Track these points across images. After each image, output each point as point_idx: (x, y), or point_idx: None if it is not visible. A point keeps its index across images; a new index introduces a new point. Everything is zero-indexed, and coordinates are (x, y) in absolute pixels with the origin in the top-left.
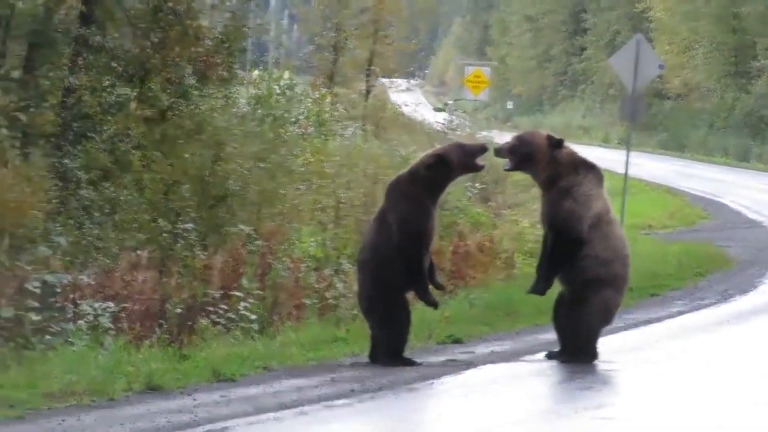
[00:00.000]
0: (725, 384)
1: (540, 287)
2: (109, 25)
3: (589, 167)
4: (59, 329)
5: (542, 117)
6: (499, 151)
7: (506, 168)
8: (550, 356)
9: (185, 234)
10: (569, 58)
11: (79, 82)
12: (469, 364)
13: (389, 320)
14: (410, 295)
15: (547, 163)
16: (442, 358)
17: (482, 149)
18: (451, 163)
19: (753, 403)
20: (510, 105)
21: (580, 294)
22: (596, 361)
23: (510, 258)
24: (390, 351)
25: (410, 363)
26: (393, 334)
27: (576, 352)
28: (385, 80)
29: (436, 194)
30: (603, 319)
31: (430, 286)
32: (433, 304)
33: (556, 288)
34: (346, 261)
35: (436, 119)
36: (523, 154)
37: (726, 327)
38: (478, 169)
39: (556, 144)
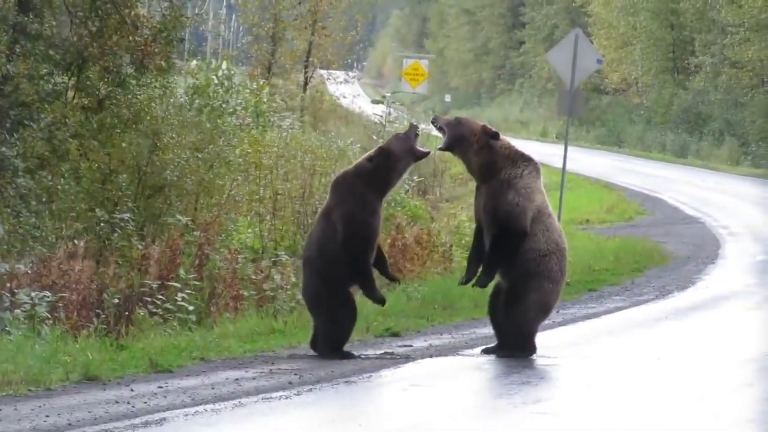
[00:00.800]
0: (663, 380)
1: (482, 280)
2: (47, 13)
3: (528, 160)
4: None
5: (480, 110)
6: (436, 120)
7: (440, 147)
8: (487, 351)
9: (122, 224)
10: (507, 52)
11: (16, 69)
12: (407, 358)
13: (334, 317)
14: (355, 291)
15: (480, 149)
16: (379, 352)
17: (413, 127)
18: (393, 153)
19: (693, 398)
20: (448, 98)
21: (519, 288)
22: (534, 356)
23: (447, 251)
24: (331, 345)
25: (349, 356)
26: (337, 329)
27: (514, 347)
28: (323, 72)
29: (383, 189)
30: (542, 313)
31: (381, 282)
32: (381, 301)
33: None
34: (284, 252)
35: (374, 111)
36: (457, 134)
37: (664, 323)
38: (422, 154)
39: (492, 135)
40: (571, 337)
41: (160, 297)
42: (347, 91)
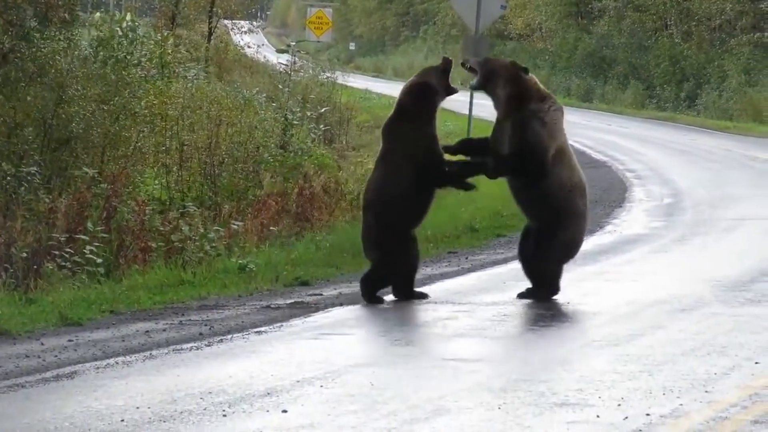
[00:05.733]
0: (572, 324)
1: (491, 170)
2: None
3: (553, 99)
4: None
5: (384, 57)
6: (467, 61)
7: (473, 85)
8: (522, 296)
9: (29, 177)
10: None
11: None
12: (317, 307)
13: (398, 259)
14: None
15: (511, 79)
16: (289, 301)
17: (447, 62)
18: (431, 86)
19: (602, 342)
20: (352, 46)
21: (547, 227)
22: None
23: (355, 200)
24: (402, 287)
25: (424, 296)
26: (405, 271)
27: (540, 285)
28: (227, 22)
29: (430, 118)
30: (569, 251)
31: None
32: (472, 187)
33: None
34: (191, 203)
35: (279, 61)
36: (488, 70)
37: (573, 267)
38: (453, 91)
39: (523, 70)
40: (480, 283)
41: (69, 250)
42: (252, 41)
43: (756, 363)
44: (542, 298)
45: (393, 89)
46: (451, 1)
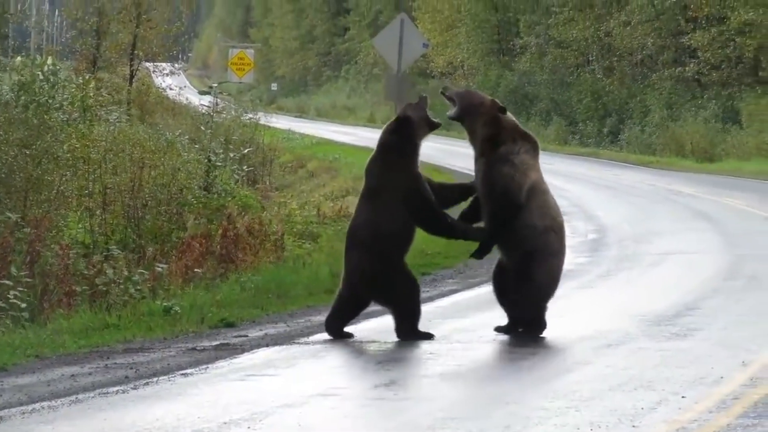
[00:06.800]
0: (501, 361)
1: (479, 253)
2: None
3: (527, 138)
4: None
5: (307, 97)
6: (447, 90)
7: (450, 115)
8: (500, 329)
9: None
10: (332, 39)
11: None
12: (243, 348)
13: (401, 294)
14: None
15: (490, 120)
16: (215, 343)
17: (423, 99)
18: (413, 121)
19: (531, 377)
20: (274, 86)
21: (524, 267)
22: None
23: (279, 240)
24: (409, 325)
25: (430, 337)
26: (410, 307)
27: (529, 325)
28: (149, 64)
29: (414, 156)
30: (551, 289)
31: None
32: (480, 237)
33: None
34: (115, 246)
35: (201, 102)
36: (468, 104)
37: (498, 305)
38: (436, 125)
39: (500, 109)
40: None
41: None
42: (174, 83)
43: (683, 397)
44: (533, 336)
45: (316, 129)
46: (373, 41)
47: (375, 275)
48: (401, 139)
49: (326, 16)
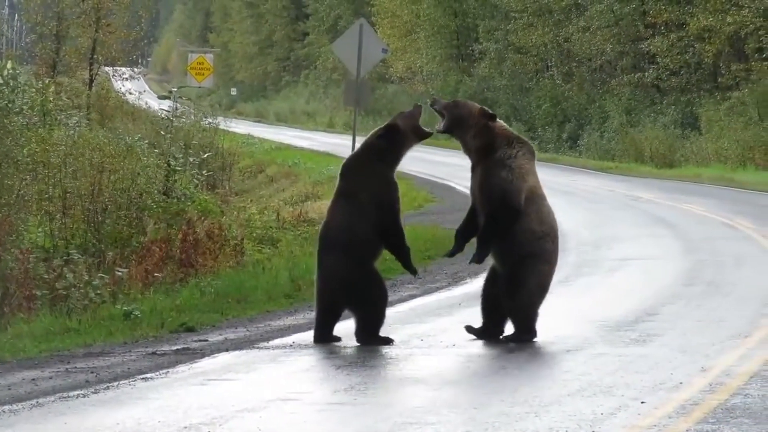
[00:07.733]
0: (458, 367)
1: (478, 257)
2: None
3: (522, 142)
4: None
5: (266, 102)
6: (435, 102)
7: (439, 129)
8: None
9: None
10: (292, 44)
11: None
12: (203, 352)
13: (369, 299)
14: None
15: (480, 130)
16: (175, 347)
17: (417, 107)
18: (402, 130)
19: (490, 386)
20: (234, 91)
21: (517, 272)
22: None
23: (239, 245)
24: (370, 330)
25: (389, 342)
26: (374, 312)
27: (521, 332)
28: (108, 69)
29: (394, 165)
30: (541, 296)
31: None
32: (414, 272)
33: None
34: (75, 251)
35: (161, 107)
36: (456, 116)
37: (458, 309)
38: (426, 134)
39: (489, 117)
40: None
41: None
42: (133, 87)
43: (642, 402)
44: (525, 342)
45: (275, 134)
46: (332, 47)
47: (351, 280)
48: (386, 145)
49: (285, 21)
